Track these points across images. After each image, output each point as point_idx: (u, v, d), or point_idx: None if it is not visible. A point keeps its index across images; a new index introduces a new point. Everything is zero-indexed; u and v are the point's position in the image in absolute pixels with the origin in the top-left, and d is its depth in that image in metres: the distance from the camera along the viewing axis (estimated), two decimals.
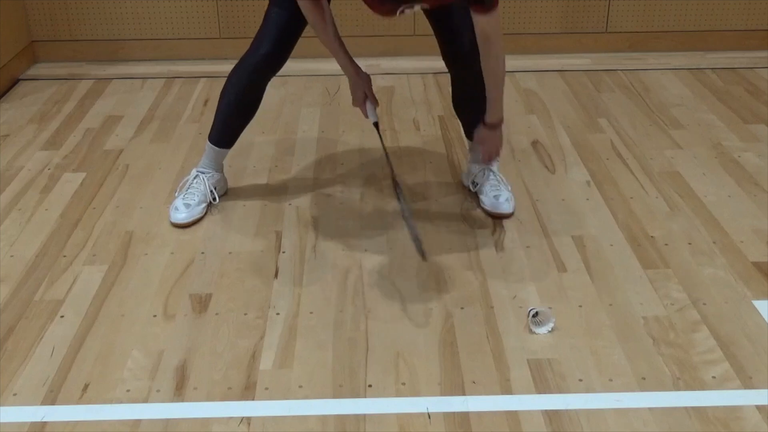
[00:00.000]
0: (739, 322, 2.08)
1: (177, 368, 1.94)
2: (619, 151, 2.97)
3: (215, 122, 2.57)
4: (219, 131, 2.57)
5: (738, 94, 3.48)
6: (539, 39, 3.89)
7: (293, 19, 2.36)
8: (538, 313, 2.06)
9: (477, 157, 2.64)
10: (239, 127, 2.57)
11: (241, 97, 2.49)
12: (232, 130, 2.57)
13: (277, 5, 2.36)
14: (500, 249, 2.40)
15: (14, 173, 2.85)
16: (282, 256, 2.37)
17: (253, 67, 2.42)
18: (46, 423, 1.79)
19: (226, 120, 2.55)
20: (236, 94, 2.49)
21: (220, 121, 2.56)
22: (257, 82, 2.46)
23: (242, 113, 2.53)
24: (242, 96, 2.49)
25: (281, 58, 2.42)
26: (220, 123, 2.56)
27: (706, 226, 2.50)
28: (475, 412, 1.80)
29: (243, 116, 2.54)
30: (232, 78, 2.49)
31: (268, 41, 2.38)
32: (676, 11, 3.87)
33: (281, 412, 1.81)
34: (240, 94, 2.48)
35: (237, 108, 2.52)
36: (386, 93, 3.52)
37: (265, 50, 2.38)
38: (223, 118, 2.55)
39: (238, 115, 2.54)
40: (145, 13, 3.80)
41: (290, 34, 2.39)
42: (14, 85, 3.65)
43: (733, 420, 1.77)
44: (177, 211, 2.52)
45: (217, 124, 2.57)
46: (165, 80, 3.68)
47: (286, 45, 2.39)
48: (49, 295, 2.21)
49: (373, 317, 2.11)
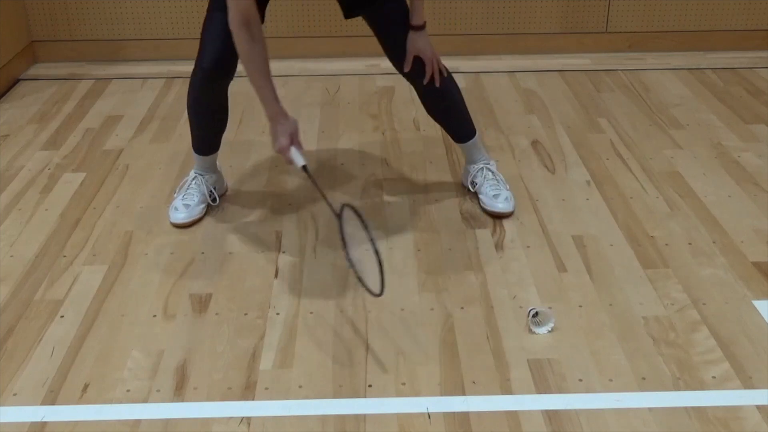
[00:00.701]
0: (739, 322, 2.08)
1: (177, 368, 1.94)
2: (619, 151, 2.97)
3: (192, 133, 2.54)
4: (196, 140, 2.55)
5: (738, 94, 3.48)
6: (539, 39, 3.89)
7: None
8: (538, 313, 2.06)
9: (472, 158, 2.64)
10: (213, 134, 2.53)
11: (203, 106, 2.44)
12: (207, 138, 2.54)
13: (220, 9, 2.19)
14: (500, 249, 2.40)
15: (14, 173, 2.85)
16: (282, 256, 2.37)
17: (202, 74, 2.34)
18: (46, 423, 1.79)
19: (199, 129, 2.52)
20: (198, 103, 2.43)
21: (194, 131, 2.53)
22: (213, 89, 2.39)
23: (210, 121, 2.49)
24: (204, 105, 2.43)
25: (230, 61, 2.31)
26: (194, 132, 2.54)
27: (706, 226, 2.50)
28: (475, 412, 1.80)
29: (212, 123, 2.50)
30: (190, 90, 2.42)
31: (214, 48, 2.28)
32: (676, 11, 3.87)
33: (281, 412, 1.81)
34: (201, 103, 2.43)
35: (203, 117, 2.47)
36: (386, 93, 3.52)
37: (211, 56, 2.29)
38: (196, 129, 2.52)
39: (207, 124, 2.50)
40: (145, 13, 3.80)
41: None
42: (14, 85, 3.65)
43: (733, 420, 1.77)
44: (176, 211, 2.52)
45: (193, 134, 2.54)
46: (165, 80, 3.68)
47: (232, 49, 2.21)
48: (49, 295, 2.21)
49: (373, 317, 2.11)
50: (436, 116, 2.60)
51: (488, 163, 2.64)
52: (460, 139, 2.63)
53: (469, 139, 2.61)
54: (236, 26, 2.09)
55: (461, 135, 2.62)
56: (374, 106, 3.39)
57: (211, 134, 2.54)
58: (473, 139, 2.61)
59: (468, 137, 2.61)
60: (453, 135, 2.64)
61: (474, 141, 2.62)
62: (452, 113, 2.58)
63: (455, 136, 2.64)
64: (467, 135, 2.61)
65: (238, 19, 2.08)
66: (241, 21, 2.08)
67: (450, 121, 2.60)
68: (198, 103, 2.44)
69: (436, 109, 2.57)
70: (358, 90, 3.57)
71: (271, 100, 2.15)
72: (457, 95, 2.55)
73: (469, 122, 2.61)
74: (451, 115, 2.58)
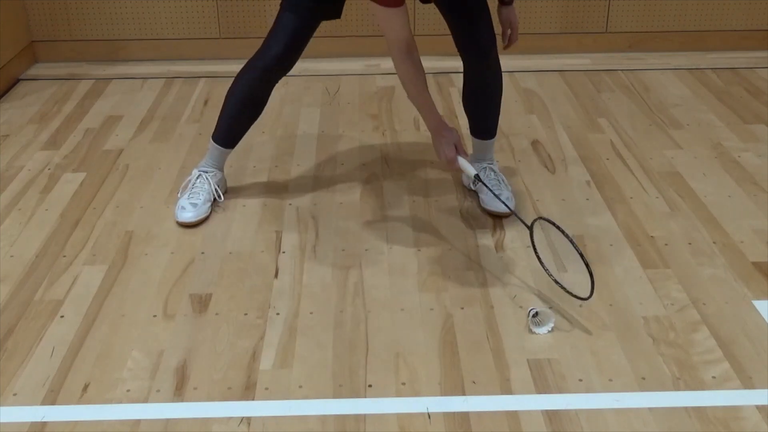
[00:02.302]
0: (739, 322, 2.08)
1: (177, 368, 1.94)
2: (619, 151, 2.97)
3: (220, 122, 2.58)
4: (224, 131, 2.57)
5: (738, 94, 3.48)
6: (539, 39, 3.89)
7: (305, 26, 2.38)
8: (538, 313, 2.06)
9: (482, 156, 2.64)
10: (244, 127, 2.57)
11: (248, 97, 2.50)
12: (236, 130, 2.58)
13: (290, 11, 2.36)
14: (500, 249, 2.40)
15: (14, 173, 2.85)
16: (282, 256, 2.37)
17: (262, 67, 2.43)
18: (46, 423, 1.79)
19: (232, 120, 2.55)
20: (244, 93, 2.50)
21: (225, 121, 2.56)
22: (265, 83, 2.47)
23: (248, 113, 2.54)
24: (250, 96, 2.50)
25: (290, 60, 2.43)
26: (225, 122, 2.57)
27: (706, 226, 2.50)
28: (475, 412, 1.80)
29: (248, 116, 2.55)
30: (240, 78, 2.49)
31: (278, 44, 2.38)
32: (676, 11, 3.87)
33: (281, 412, 1.81)
34: (247, 94, 2.49)
35: (243, 108, 2.53)
36: (386, 93, 3.52)
37: (275, 52, 2.39)
38: (228, 118, 2.55)
39: (243, 115, 2.54)
40: (145, 13, 3.80)
41: (301, 39, 2.41)
42: (14, 85, 3.65)
43: (733, 420, 1.77)
44: (184, 210, 2.52)
45: (222, 124, 2.57)
46: (165, 80, 3.68)
47: (296, 49, 2.41)
48: (49, 295, 2.21)
49: (373, 317, 2.11)
50: (474, 106, 2.59)
51: (492, 163, 2.65)
52: (483, 135, 2.62)
53: (491, 138, 2.62)
54: (400, 56, 2.21)
55: (487, 131, 2.62)
56: (374, 106, 3.39)
57: (243, 126, 2.57)
58: (493, 138, 2.63)
59: (491, 135, 2.62)
60: (479, 128, 2.63)
61: (493, 141, 2.63)
62: (490, 106, 2.58)
63: (480, 130, 2.62)
64: (492, 132, 2.62)
65: (403, 50, 2.19)
66: (405, 51, 2.19)
67: (484, 114, 2.59)
68: (246, 94, 2.49)
69: (477, 98, 2.57)
70: (358, 90, 3.57)
71: (432, 113, 2.28)
72: (500, 92, 2.56)
73: (497, 121, 2.62)
74: (488, 108, 2.58)
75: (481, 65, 2.47)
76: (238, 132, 2.58)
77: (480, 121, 2.62)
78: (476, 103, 2.59)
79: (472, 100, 2.59)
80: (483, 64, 2.46)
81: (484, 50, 2.42)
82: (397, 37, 2.17)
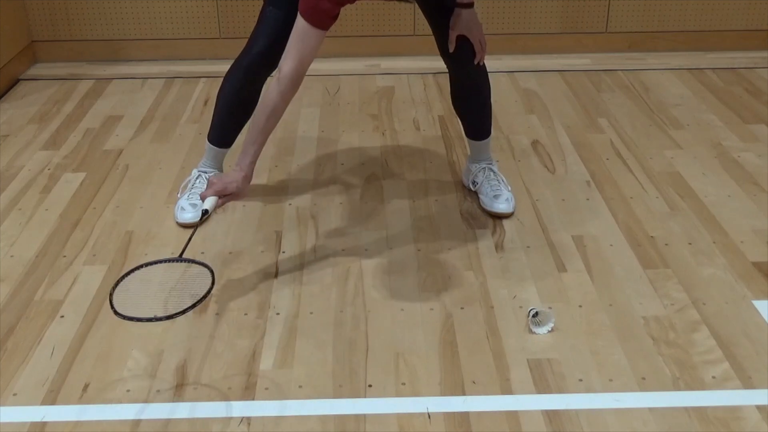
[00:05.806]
0: (739, 322, 2.08)
1: (177, 368, 1.94)
2: (619, 151, 2.97)
3: (213, 122, 2.58)
4: (217, 131, 2.57)
5: (738, 94, 3.48)
6: (539, 39, 3.89)
7: (288, 19, 2.34)
8: (538, 313, 2.06)
9: (479, 156, 2.64)
10: (237, 126, 2.56)
11: (237, 96, 2.49)
12: (230, 130, 2.57)
13: (273, 5, 2.34)
14: (500, 249, 2.39)
15: (14, 173, 2.85)
16: (282, 256, 2.37)
17: (248, 65, 2.42)
18: (46, 423, 1.79)
19: (224, 119, 2.55)
20: (232, 92, 2.48)
21: (217, 121, 2.56)
22: (253, 81, 2.45)
23: (239, 112, 2.52)
24: (239, 95, 2.48)
25: (276, 56, 2.34)
26: (218, 122, 2.57)
27: (706, 226, 2.50)
28: (475, 412, 1.80)
29: (240, 115, 2.53)
30: (228, 77, 2.49)
31: (262, 40, 2.37)
32: (676, 11, 3.87)
33: (281, 412, 1.81)
34: (236, 92, 2.48)
35: (232, 107, 2.51)
36: (386, 93, 3.52)
37: (259, 48, 2.37)
38: (220, 118, 2.55)
39: (235, 114, 2.53)
40: (145, 13, 3.80)
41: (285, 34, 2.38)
42: (14, 85, 3.65)
43: (733, 420, 1.77)
44: (183, 211, 2.52)
45: (216, 124, 2.57)
46: (165, 80, 3.68)
47: (280, 44, 2.31)
48: (49, 295, 2.21)
49: (373, 317, 2.11)
50: (464, 109, 2.59)
51: (491, 163, 2.64)
52: (476, 136, 2.62)
53: (486, 138, 2.62)
54: (288, 82, 2.06)
55: (480, 132, 2.61)
56: (374, 106, 3.39)
57: (236, 125, 2.55)
58: (488, 138, 2.62)
59: (485, 135, 2.61)
60: (472, 131, 2.62)
61: (488, 140, 2.63)
62: (480, 109, 2.57)
63: (473, 133, 2.62)
64: (486, 133, 2.61)
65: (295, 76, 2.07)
66: (296, 77, 2.07)
67: (475, 116, 2.59)
68: (233, 93, 2.47)
69: (466, 102, 2.56)
70: (358, 90, 3.57)
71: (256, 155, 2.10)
72: (488, 91, 2.54)
73: (490, 120, 2.61)
74: (479, 110, 2.57)
75: (465, 69, 2.45)
76: (231, 132, 2.57)
77: (472, 122, 2.61)
78: (466, 106, 2.59)
79: (462, 104, 2.58)
80: (466, 68, 2.44)
81: (467, 54, 2.39)
82: (301, 59, 2.07)
